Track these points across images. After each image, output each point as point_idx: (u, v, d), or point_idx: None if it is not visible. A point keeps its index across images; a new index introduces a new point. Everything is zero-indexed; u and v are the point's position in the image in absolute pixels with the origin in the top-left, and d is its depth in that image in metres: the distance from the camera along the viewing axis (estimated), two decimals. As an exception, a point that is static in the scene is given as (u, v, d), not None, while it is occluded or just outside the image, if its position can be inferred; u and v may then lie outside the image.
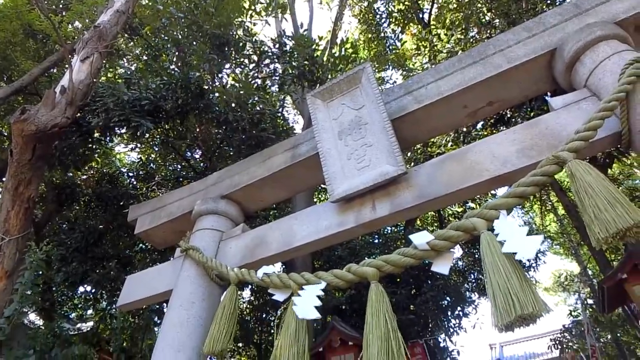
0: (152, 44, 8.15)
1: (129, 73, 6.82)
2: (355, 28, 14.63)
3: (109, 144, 9.80)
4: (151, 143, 10.00)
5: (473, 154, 2.56)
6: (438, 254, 2.04)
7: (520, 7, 7.28)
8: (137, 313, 8.54)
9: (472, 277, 12.06)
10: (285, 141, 3.71)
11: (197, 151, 9.96)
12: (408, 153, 10.45)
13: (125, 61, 9.61)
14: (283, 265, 9.19)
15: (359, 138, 2.98)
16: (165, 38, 8.03)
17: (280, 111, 9.01)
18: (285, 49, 7.63)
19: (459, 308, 11.02)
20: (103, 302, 9.28)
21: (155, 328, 8.86)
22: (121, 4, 6.42)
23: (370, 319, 1.88)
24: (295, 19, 13.41)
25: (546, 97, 4.90)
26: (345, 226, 2.79)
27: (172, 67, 6.91)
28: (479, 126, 8.59)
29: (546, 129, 2.39)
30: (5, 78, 8.54)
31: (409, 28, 12.60)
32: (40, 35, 8.79)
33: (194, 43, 7.12)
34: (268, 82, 8.43)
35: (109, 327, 8.28)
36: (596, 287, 11.72)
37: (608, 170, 8.50)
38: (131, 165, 11.22)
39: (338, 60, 8.04)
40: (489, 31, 8.04)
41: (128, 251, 8.91)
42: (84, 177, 9.56)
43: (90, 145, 6.61)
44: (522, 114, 7.21)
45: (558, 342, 12.75)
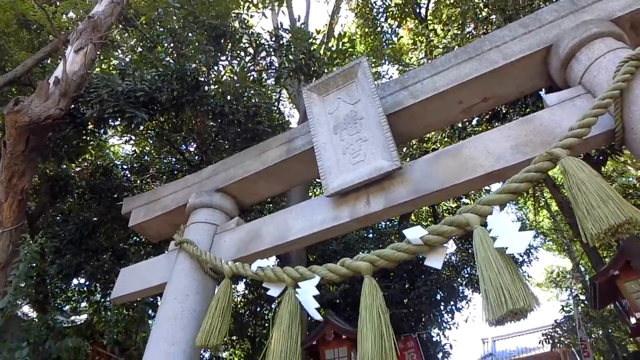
0: (148, 35, 8.07)
1: (124, 64, 6.75)
2: (352, 22, 14.58)
3: (103, 136, 9.74)
4: (146, 135, 9.93)
5: (468, 150, 2.57)
6: (431, 249, 2.05)
7: (517, 3, 7.26)
8: (131, 306, 8.54)
9: (466, 272, 12.13)
10: (280, 135, 3.71)
11: (192, 144, 9.90)
12: (403, 148, 10.47)
13: (119, 52, 9.52)
14: (277, 259, 9.21)
15: (355, 133, 2.98)
16: (160, 29, 7.96)
17: (276, 105, 8.97)
18: (281, 42, 7.58)
19: (452, 303, 11.10)
20: (97, 295, 9.25)
21: (149, 321, 8.88)
22: (116, -5, 6.35)
23: (363, 313, 1.90)
24: (292, 12, 13.34)
25: (541, 94, 4.91)
26: (339, 220, 2.80)
27: (168, 59, 6.85)
28: (474, 122, 8.61)
29: (540, 126, 2.40)
30: (-2, 69, 8.44)
31: (406, 23, 12.56)
32: (34, 25, 8.68)
33: (190, 34, 7.06)
34: (264, 75, 8.38)
35: (103, 320, 8.26)
36: (588, 283, 11.84)
37: (602, 167, 8.55)
38: (125, 157, 11.13)
39: (335, 54, 8.00)
40: (486, 27, 8.03)
41: (122, 244, 8.86)
42: (78, 169, 9.49)
43: (84, 137, 6.55)
44: (518, 111, 7.23)
45: (550, 337, 12.87)
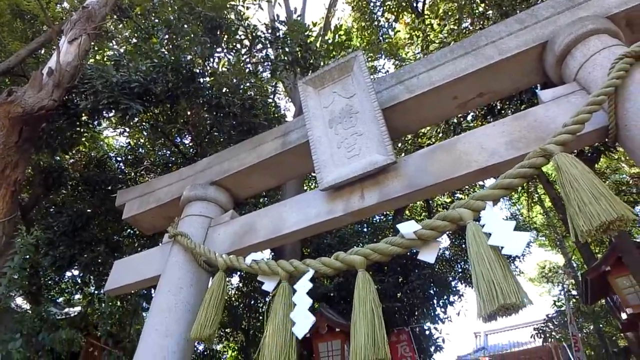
0: (142, 26, 7.98)
1: (118, 55, 6.68)
2: (348, 15, 14.49)
3: (97, 128, 9.66)
4: (140, 127, 9.87)
5: (462, 145, 2.57)
6: (425, 243, 2.07)
7: (514, -1, 7.24)
8: (125, 298, 8.53)
9: (459, 267, 12.21)
10: (275, 128, 3.70)
11: (187, 136, 9.84)
12: (398, 144, 10.48)
13: (114, 43, 9.43)
14: (272, 252, 9.22)
15: (350, 127, 2.97)
16: (156, 20, 7.88)
17: (272, 98, 8.93)
18: (278, 35, 7.53)
19: (445, 297, 11.17)
20: (91, 287, 9.23)
21: (143, 313, 8.87)
22: (111, -15, 6.27)
23: (357, 306, 1.91)
24: (288, 4, 13.26)
25: (536, 90, 4.92)
26: (334, 214, 2.80)
27: (163, 50, 6.78)
28: (470, 118, 8.62)
29: (535, 122, 2.41)
30: (-9, 59, 8.34)
31: (403, 17, 12.52)
32: (27, 15, 8.57)
33: (186, 26, 7.00)
34: (260, 68, 8.34)
35: (97, 312, 8.25)
36: (580, 279, 11.96)
37: (595, 164, 8.60)
38: (120, 149, 11.06)
39: (331, 46, 7.98)
40: (482, 22, 8.02)
41: (116, 236, 8.83)
42: (72, 161, 9.42)
43: (78, 128, 6.49)
44: (513, 107, 7.24)
45: (541, 332, 13.02)
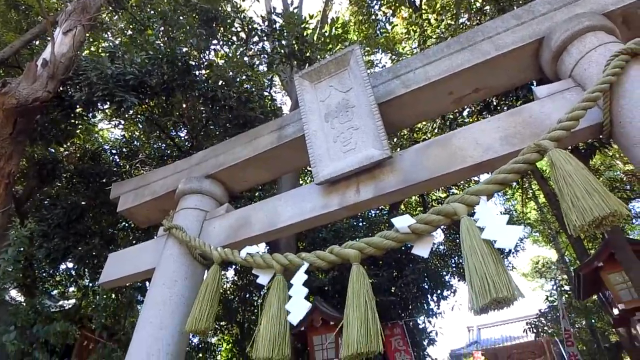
0: (138, 18, 7.92)
1: (113, 47, 6.63)
2: (346, 9, 14.41)
3: (92, 120, 9.60)
4: (135, 120, 9.81)
5: (457, 140, 2.58)
6: (419, 238, 2.07)
7: (511, -5, 7.24)
8: (120, 290, 8.51)
9: (452, 262, 12.30)
10: (271, 122, 3.68)
11: (183, 129, 9.80)
12: (394, 138, 10.49)
13: (109, 35, 9.34)
14: (267, 245, 9.23)
15: (346, 121, 2.97)
16: (151, 11, 7.82)
17: (268, 91, 8.90)
18: (274, 27, 7.50)
19: (439, 291, 11.27)
20: (85, 280, 9.21)
21: (138, 306, 8.86)
22: (105, -25, 6.22)
23: (350, 299, 1.92)
24: (285, -4, 13.15)
25: (532, 86, 4.93)
26: (329, 208, 2.81)
27: (158, 42, 6.74)
28: (465, 113, 8.64)
29: (530, 118, 2.41)
30: (-15, 50, 8.24)
31: (400, 11, 12.45)
32: (22, 6, 8.49)
33: (181, 17, 6.95)
34: (256, 61, 8.31)
35: (92, 305, 8.25)
36: (573, 274, 12.06)
37: (589, 160, 8.65)
38: (114, 142, 10.99)
39: (328, 39, 7.95)
40: (479, 18, 8.02)
41: (111, 229, 8.80)
42: (66, 153, 9.35)
43: (72, 120, 6.45)
44: (508, 103, 7.26)
45: (533, 327, 13.13)
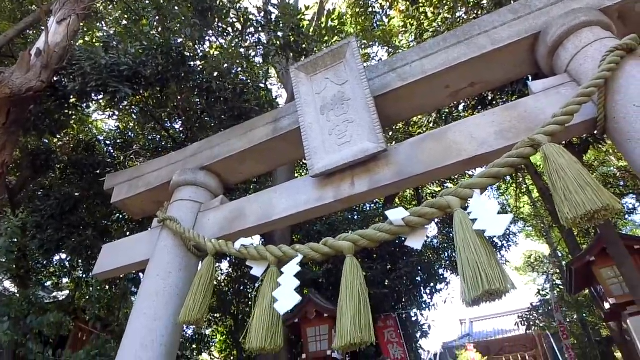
0: (132, 7, 7.84)
1: (108, 37, 6.55)
2: (342, 1, 14.32)
3: (86, 110, 9.53)
4: (129, 111, 9.74)
5: (452, 134, 2.58)
6: (412, 230, 2.09)
7: (508, -11, 7.21)
8: (114, 282, 8.51)
9: (446, 255, 12.39)
10: (267, 114, 3.67)
11: (177, 121, 9.75)
12: (389, 132, 10.49)
13: (103, 24, 9.24)
14: (262, 238, 9.25)
15: (341, 114, 2.96)
16: (146, 1, 7.73)
17: (264, 83, 8.85)
18: (270, 18, 7.43)
19: (432, 284, 11.37)
20: (79, 271, 9.19)
21: (132, 297, 8.86)
22: (99, -37, 6.14)
23: (343, 291, 1.93)
24: (281, -13, 13.04)
25: (527, 81, 4.93)
26: (323, 201, 2.81)
27: (153, 32, 6.67)
28: (461, 108, 8.65)
29: (525, 112, 2.42)
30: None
31: (397, 4, 12.39)
32: (17, -5, 8.39)
33: (176, 8, 6.87)
34: (252, 52, 8.25)
35: (86, 296, 8.24)
36: (565, 269, 12.20)
37: (583, 156, 8.70)
38: (109, 133, 10.91)
39: (324, 31, 7.90)
40: (477, 12, 8.00)
41: (105, 220, 8.77)
42: (60, 144, 9.29)
43: (66, 110, 6.40)
44: (504, 97, 7.27)
45: (525, 320, 13.29)
